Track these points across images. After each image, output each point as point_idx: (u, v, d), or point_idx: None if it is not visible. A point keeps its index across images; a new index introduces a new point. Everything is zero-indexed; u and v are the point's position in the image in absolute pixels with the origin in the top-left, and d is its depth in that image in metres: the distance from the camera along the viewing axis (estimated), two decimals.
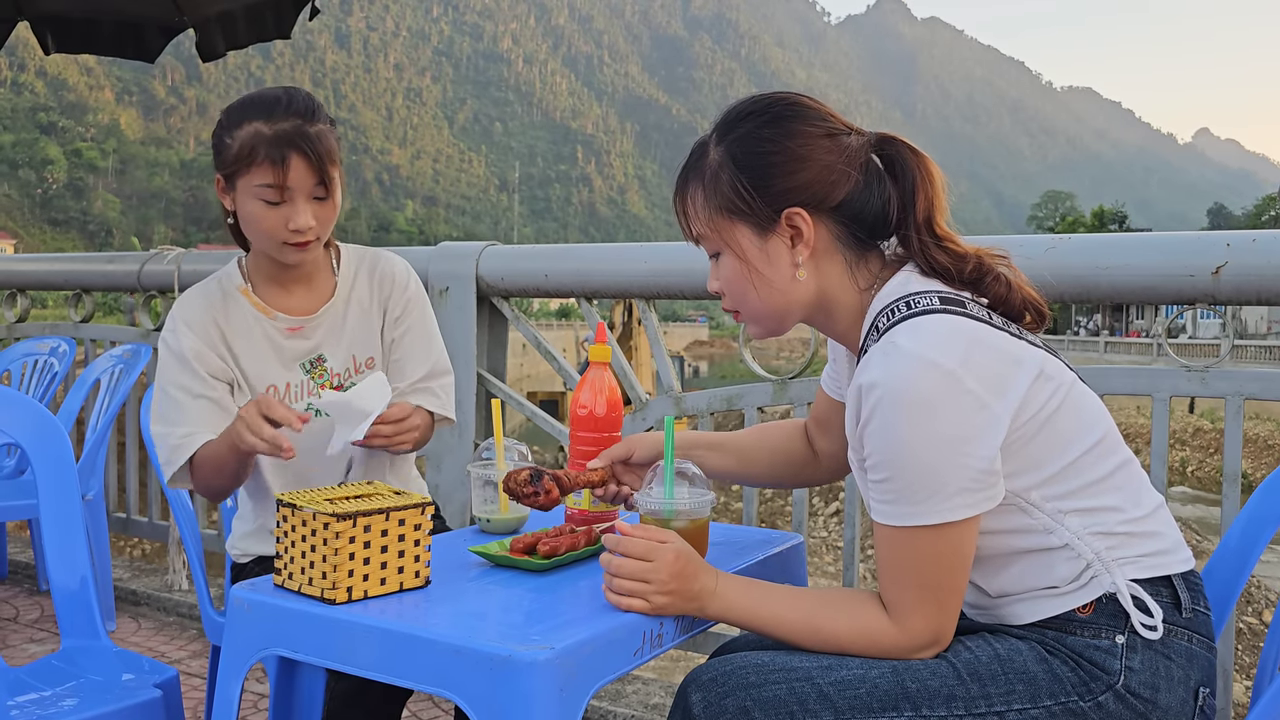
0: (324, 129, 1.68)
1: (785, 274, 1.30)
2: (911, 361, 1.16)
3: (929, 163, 1.31)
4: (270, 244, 1.72)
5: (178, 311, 1.77)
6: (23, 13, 4.23)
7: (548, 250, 2.94)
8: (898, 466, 1.17)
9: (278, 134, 1.63)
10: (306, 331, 1.81)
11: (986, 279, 1.27)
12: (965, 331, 1.20)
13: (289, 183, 1.64)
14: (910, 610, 1.20)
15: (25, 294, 4.30)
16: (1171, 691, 1.20)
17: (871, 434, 1.19)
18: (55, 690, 1.63)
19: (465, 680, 1.11)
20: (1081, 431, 1.24)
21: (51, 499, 1.77)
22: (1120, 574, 1.22)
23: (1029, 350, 1.23)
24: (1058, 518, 1.23)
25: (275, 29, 4.10)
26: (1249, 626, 6.37)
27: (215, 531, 3.42)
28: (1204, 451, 20.44)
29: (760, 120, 1.30)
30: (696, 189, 1.33)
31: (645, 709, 2.54)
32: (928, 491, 1.16)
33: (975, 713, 1.19)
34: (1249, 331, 49.65)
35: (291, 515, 1.28)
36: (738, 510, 6.47)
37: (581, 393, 1.58)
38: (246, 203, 1.68)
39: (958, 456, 1.15)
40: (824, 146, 1.28)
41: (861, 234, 1.31)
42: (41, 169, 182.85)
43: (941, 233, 1.29)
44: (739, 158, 1.29)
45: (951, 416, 1.15)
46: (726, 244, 1.32)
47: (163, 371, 1.75)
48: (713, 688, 1.21)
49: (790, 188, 1.27)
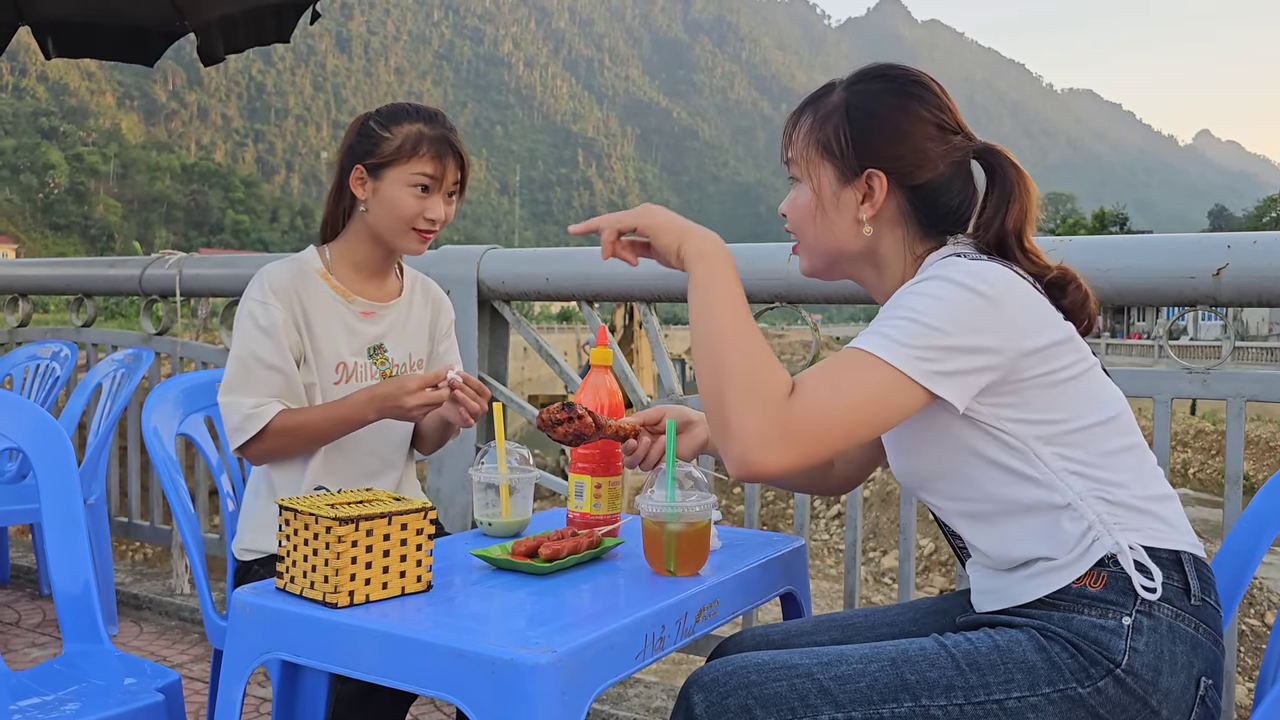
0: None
1: (848, 223, 1.37)
2: (971, 267, 1.25)
3: (1028, 178, 1.37)
4: (400, 229, 1.89)
5: (266, 282, 1.88)
6: (24, 17, 4.24)
7: (549, 253, 2.94)
8: (920, 314, 1.21)
9: (439, 135, 1.88)
10: (377, 318, 1.97)
11: (1069, 286, 1.33)
12: (1013, 275, 1.27)
13: (442, 176, 1.88)
14: (810, 399, 1.17)
15: (27, 298, 4.30)
16: (1174, 676, 1.21)
17: (917, 290, 1.24)
18: (57, 694, 1.63)
19: (467, 684, 1.10)
20: (1098, 403, 1.29)
21: (53, 503, 1.77)
22: (1123, 537, 1.24)
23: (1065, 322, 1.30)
24: (1063, 476, 1.25)
25: (276, 33, 4.10)
26: (1251, 629, 6.36)
27: (217, 535, 3.42)
28: (1205, 453, 20.42)
29: (886, 85, 1.37)
30: (808, 118, 1.40)
31: (647, 712, 2.54)
32: (925, 345, 1.19)
33: (974, 701, 1.20)
34: (1250, 333, 49.65)
35: (294, 519, 1.29)
36: (739, 513, 6.46)
37: (583, 396, 1.58)
38: (394, 189, 1.87)
39: (969, 347, 1.20)
40: (927, 133, 1.34)
41: (927, 220, 1.37)
42: (43, 174, 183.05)
43: (1028, 245, 1.35)
44: (852, 109, 1.36)
45: (984, 320, 1.21)
46: (809, 174, 1.38)
47: (242, 340, 1.85)
48: (714, 688, 1.22)
49: (881, 153, 1.34)
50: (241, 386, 1.83)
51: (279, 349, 1.84)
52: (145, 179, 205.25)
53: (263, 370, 1.83)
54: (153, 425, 1.98)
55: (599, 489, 1.56)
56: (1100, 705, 1.19)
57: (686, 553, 1.39)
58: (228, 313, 3.71)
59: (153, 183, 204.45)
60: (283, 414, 1.82)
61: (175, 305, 3.68)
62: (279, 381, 1.84)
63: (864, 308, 3.44)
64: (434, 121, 1.89)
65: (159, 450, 1.96)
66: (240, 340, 1.85)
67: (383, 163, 1.87)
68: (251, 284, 1.89)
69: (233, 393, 1.83)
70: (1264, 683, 1.39)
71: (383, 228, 1.90)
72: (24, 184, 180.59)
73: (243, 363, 1.84)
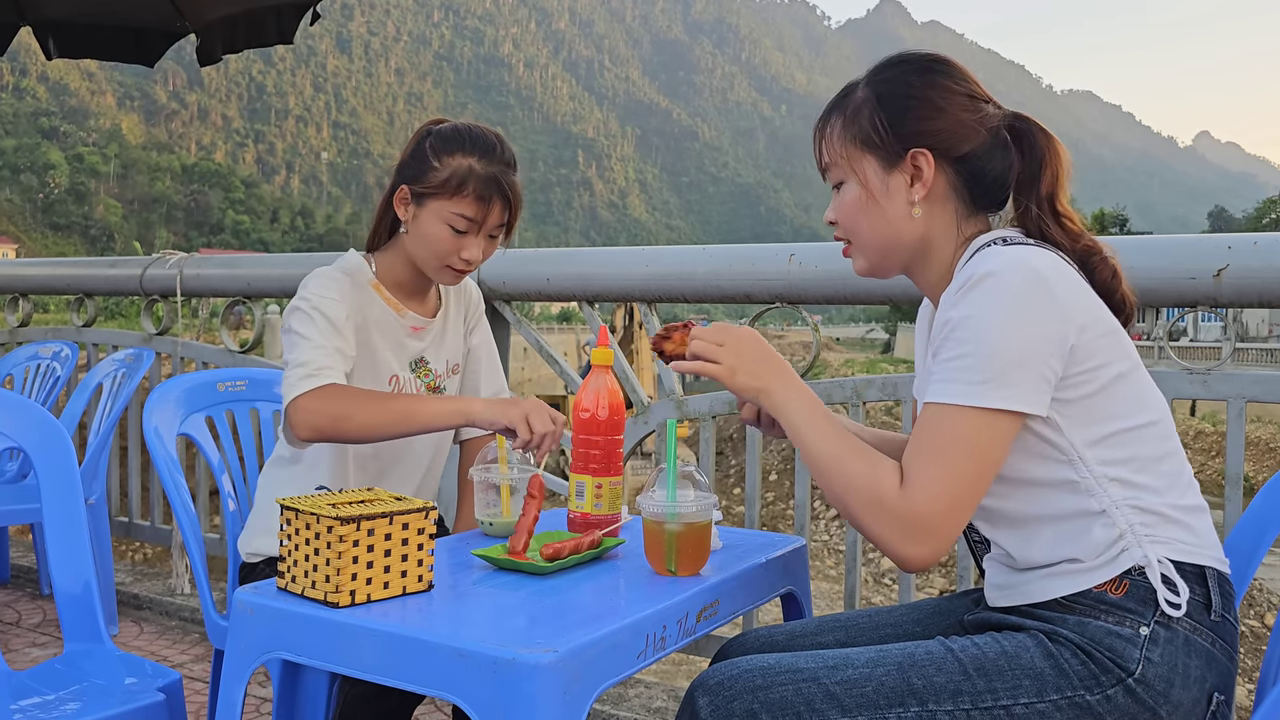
0: (519, 181, 1.86)
1: (900, 209, 1.36)
2: (1013, 259, 1.24)
3: (1058, 143, 1.37)
4: (433, 263, 1.83)
5: (329, 280, 1.80)
6: (25, 18, 4.24)
7: (549, 254, 2.95)
8: (975, 343, 1.21)
9: (489, 175, 1.78)
10: (423, 334, 1.94)
11: (1094, 258, 1.33)
12: (1061, 263, 1.27)
13: (484, 219, 1.79)
14: (923, 484, 1.20)
15: (27, 298, 4.30)
16: (1186, 689, 1.20)
17: (963, 310, 1.23)
18: (58, 694, 1.63)
19: (468, 683, 1.11)
20: (1141, 406, 1.28)
21: (54, 503, 1.77)
22: (1152, 550, 1.23)
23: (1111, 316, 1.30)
24: (1102, 482, 1.25)
25: (276, 34, 4.10)
26: (1251, 630, 6.36)
27: (218, 535, 3.42)
28: (1206, 454, 20.40)
29: (908, 68, 1.38)
30: (837, 120, 1.40)
31: (647, 713, 2.54)
32: (992, 373, 1.19)
33: (981, 707, 1.19)
34: (1250, 334, 49.64)
35: (295, 519, 1.29)
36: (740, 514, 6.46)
37: (583, 396, 1.58)
38: (432, 223, 1.80)
39: (1031, 351, 1.20)
40: (961, 104, 1.35)
41: (977, 191, 1.37)
42: (43, 174, 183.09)
43: (1062, 209, 1.35)
44: (882, 97, 1.36)
45: (1036, 313, 1.21)
46: (853, 171, 1.38)
47: (302, 326, 1.74)
48: (720, 691, 1.22)
49: (922, 130, 1.34)
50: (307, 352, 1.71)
51: (343, 337, 1.75)
52: (146, 179, 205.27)
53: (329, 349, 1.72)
54: (154, 425, 1.98)
55: (599, 489, 1.56)
56: (1109, 713, 1.18)
57: (687, 553, 1.39)
58: (228, 313, 3.71)
59: (153, 183, 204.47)
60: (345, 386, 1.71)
61: (176, 305, 3.68)
62: (341, 365, 1.73)
63: (864, 308, 3.42)
64: (489, 156, 1.79)
65: (160, 450, 1.96)
66: (302, 328, 1.74)
67: (426, 192, 1.79)
68: (310, 281, 1.80)
69: (298, 350, 1.71)
70: (1264, 684, 1.39)
71: (418, 257, 1.84)
72: (24, 184, 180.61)
73: (306, 339, 1.72)
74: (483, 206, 1.78)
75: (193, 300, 3.79)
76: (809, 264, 2.41)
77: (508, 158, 1.82)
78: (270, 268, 3.51)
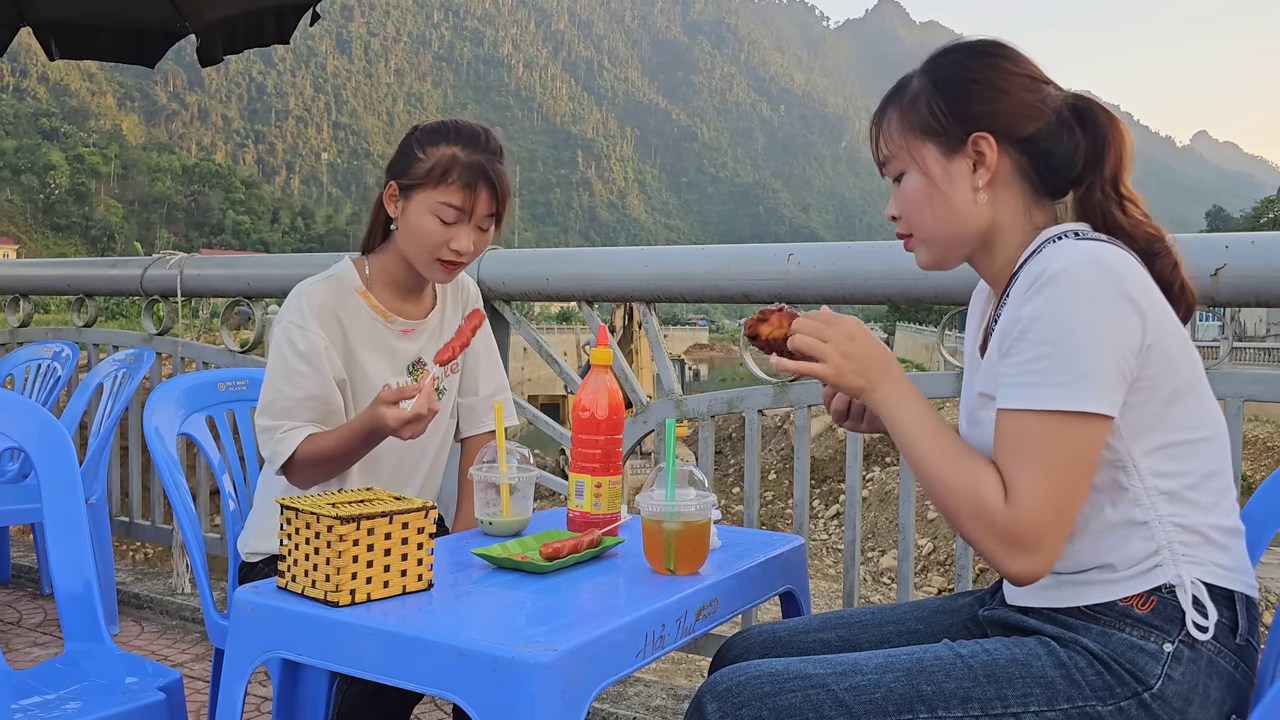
0: (507, 171, 1.84)
1: (964, 196, 1.32)
2: (1087, 254, 1.19)
3: (1121, 123, 1.33)
4: (425, 257, 1.83)
5: (305, 303, 1.81)
6: (25, 18, 4.25)
7: (549, 254, 2.95)
8: (1054, 343, 1.17)
9: (474, 162, 1.77)
10: (415, 335, 1.94)
11: (1157, 246, 1.29)
12: (1134, 261, 1.23)
13: (471, 208, 1.78)
14: (1028, 492, 1.16)
15: (28, 299, 4.31)
16: (1204, 710, 1.18)
17: (1035, 308, 1.19)
18: (59, 693, 1.63)
19: (468, 682, 1.11)
20: (1203, 420, 1.25)
21: (55, 503, 1.77)
22: (1186, 571, 1.21)
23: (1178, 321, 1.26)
24: (1151, 495, 1.22)
25: (276, 35, 4.10)
26: None
27: (218, 535, 3.42)
28: None
29: (965, 54, 1.34)
30: (893, 112, 1.36)
31: (646, 711, 2.55)
32: (1076, 374, 1.16)
33: (991, 714, 1.18)
34: (1248, 334, 49.59)
35: (295, 518, 1.29)
36: (738, 513, 6.47)
37: (583, 396, 1.59)
38: (420, 215, 1.79)
39: (1110, 350, 1.16)
40: (1022, 84, 1.31)
41: (1044, 173, 1.32)
42: (44, 174, 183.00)
43: (1126, 191, 1.31)
44: (940, 83, 1.33)
45: (1113, 312, 1.17)
46: (913, 160, 1.34)
47: (277, 361, 1.79)
48: (728, 698, 1.21)
49: (982, 113, 1.30)
50: (276, 412, 1.78)
51: (318, 375, 1.78)
52: (146, 180, 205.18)
53: (298, 395, 1.77)
54: (154, 425, 1.99)
55: (599, 488, 1.57)
56: None
57: (686, 552, 1.40)
58: (229, 313, 3.72)
59: (153, 183, 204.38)
60: (306, 441, 1.76)
61: (176, 306, 3.68)
62: (317, 409, 1.79)
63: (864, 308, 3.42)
64: (473, 145, 1.78)
65: (160, 450, 1.96)
66: (277, 364, 1.79)
67: (413, 184, 1.79)
68: (289, 302, 1.82)
69: (266, 415, 1.79)
70: (1263, 682, 1.39)
71: (409, 253, 1.84)
72: (25, 185, 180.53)
73: (277, 387, 1.78)
74: (469, 194, 1.77)
75: (193, 300, 3.79)
76: (808, 264, 2.41)
77: (493, 147, 1.81)
78: (270, 268, 3.52)
